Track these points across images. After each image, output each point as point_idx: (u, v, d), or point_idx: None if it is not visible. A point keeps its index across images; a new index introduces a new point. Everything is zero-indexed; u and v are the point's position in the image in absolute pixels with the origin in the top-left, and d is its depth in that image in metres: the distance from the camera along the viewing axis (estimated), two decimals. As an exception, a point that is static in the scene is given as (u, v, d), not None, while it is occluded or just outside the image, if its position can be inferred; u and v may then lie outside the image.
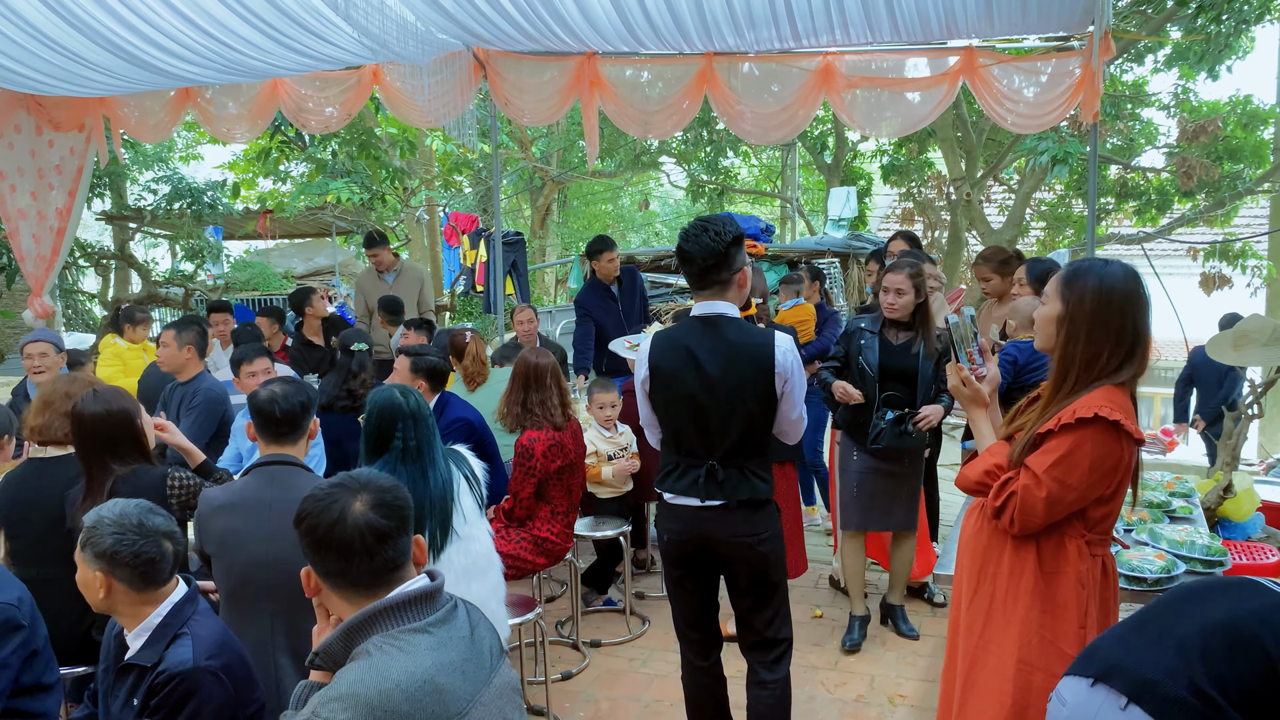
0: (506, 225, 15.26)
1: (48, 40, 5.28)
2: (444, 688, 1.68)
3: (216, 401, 4.67)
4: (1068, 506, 2.31)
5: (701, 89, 6.44)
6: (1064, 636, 2.33)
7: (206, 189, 10.45)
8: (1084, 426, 2.26)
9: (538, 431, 4.12)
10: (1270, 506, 4.88)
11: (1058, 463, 2.28)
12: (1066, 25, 5.64)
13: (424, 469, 3.08)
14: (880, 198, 17.50)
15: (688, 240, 2.95)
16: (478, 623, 1.88)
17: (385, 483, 1.85)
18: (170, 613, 2.28)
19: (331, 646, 1.77)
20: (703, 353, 2.93)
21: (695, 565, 3.12)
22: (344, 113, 6.99)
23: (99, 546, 2.22)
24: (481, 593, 3.13)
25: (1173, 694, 1.67)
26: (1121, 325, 2.30)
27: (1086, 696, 1.80)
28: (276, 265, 12.63)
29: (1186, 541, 3.13)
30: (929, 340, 4.30)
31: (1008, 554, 2.42)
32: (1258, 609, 1.71)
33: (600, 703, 4.18)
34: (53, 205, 7.38)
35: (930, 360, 4.27)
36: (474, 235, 10.89)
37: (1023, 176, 11.88)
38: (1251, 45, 10.89)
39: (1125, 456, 2.30)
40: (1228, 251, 11.60)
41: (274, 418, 2.84)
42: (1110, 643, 1.86)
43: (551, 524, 4.18)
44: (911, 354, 4.29)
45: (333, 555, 1.78)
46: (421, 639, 1.73)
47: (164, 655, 2.21)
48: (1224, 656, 1.67)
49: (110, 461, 3.05)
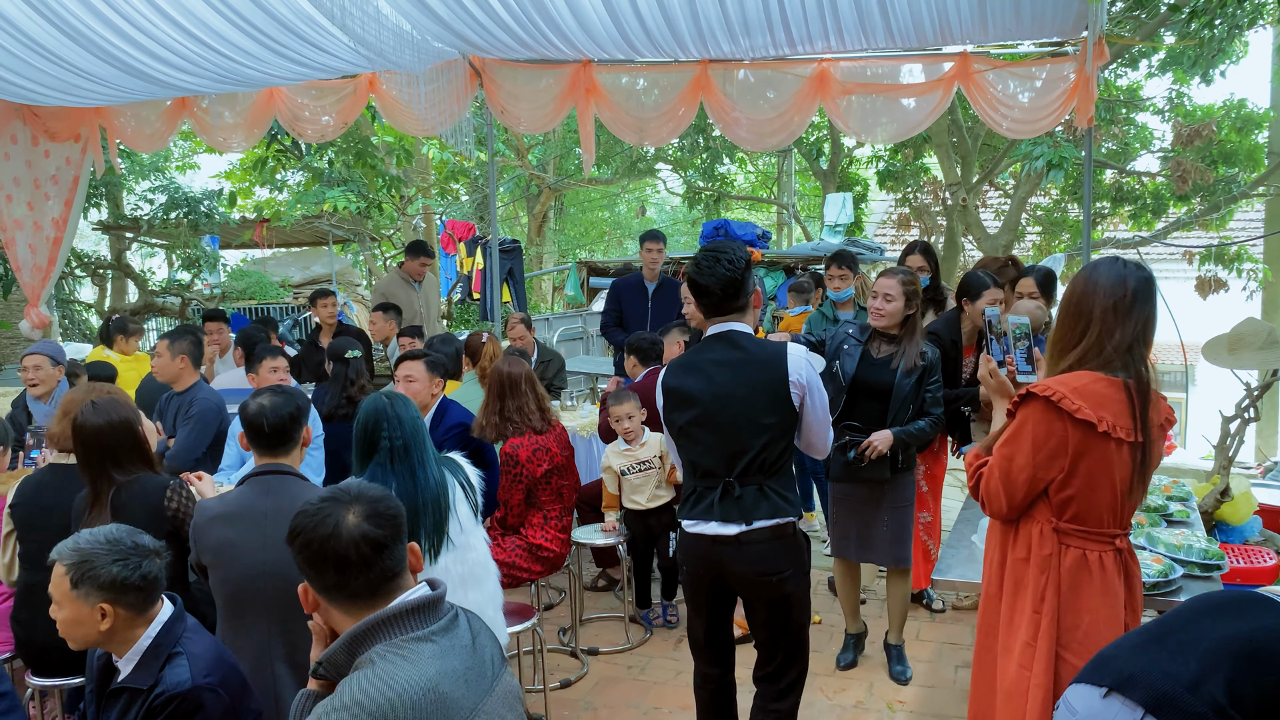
0: (503, 233, 15.28)
1: (44, 51, 5.29)
2: (447, 696, 1.68)
3: (213, 411, 4.66)
4: (1021, 486, 2.37)
5: (697, 96, 6.46)
6: (1020, 615, 2.40)
7: (203, 198, 10.46)
8: (1026, 403, 2.36)
9: (520, 438, 4.14)
10: (1268, 510, 4.89)
11: (1006, 441, 2.39)
12: (1060, 30, 5.66)
13: (412, 469, 3.06)
14: (876, 203, 17.52)
15: (702, 273, 2.89)
16: (479, 631, 1.87)
17: (376, 493, 1.85)
18: (161, 632, 2.25)
19: (335, 656, 1.76)
20: (712, 366, 2.91)
21: (714, 596, 3.09)
22: (340, 121, 7.00)
23: (101, 578, 2.18)
24: (479, 601, 3.12)
25: (1192, 709, 1.65)
26: (1105, 314, 2.33)
27: (1100, 707, 1.78)
28: (273, 274, 12.62)
29: (1184, 545, 3.12)
30: (911, 356, 3.95)
31: (997, 539, 2.53)
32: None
33: (599, 710, 4.17)
34: (49, 215, 7.39)
35: (910, 377, 3.93)
36: (470, 243, 10.90)
37: (1018, 181, 11.90)
38: (1245, 50, 10.94)
39: (1070, 437, 2.30)
40: (1223, 255, 11.61)
41: (263, 430, 2.84)
42: (1126, 653, 1.84)
43: (545, 530, 4.18)
44: (890, 369, 3.95)
45: (329, 569, 1.77)
46: (425, 647, 1.72)
47: (160, 677, 2.18)
48: (1246, 674, 1.66)
49: (113, 471, 3.08)
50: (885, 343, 4.02)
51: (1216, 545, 3.19)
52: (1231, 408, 5.04)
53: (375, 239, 14.35)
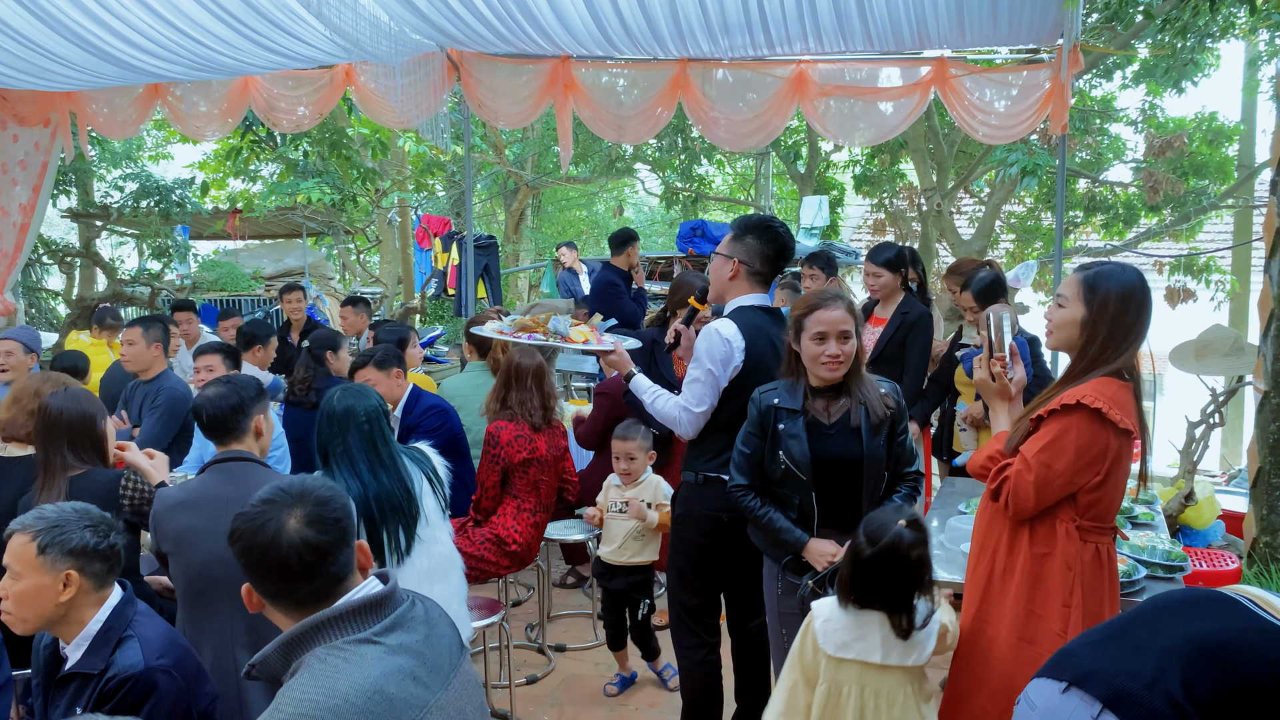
0: (480, 229, 15.22)
1: (13, 33, 5.20)
2: (394, 697, 1.59)
3: (180, 401, 4.61)
4: (1056, 490, 2.41)
5: (676, 95, 6.46)
6: (1050, 612, 2.43)
7: (175, 187, 10.32)
8: (1069, 413, 2.38)
9: (508, 422, 4.13)
10: (1230, 515, 4.96)
11: (1045, 448, 2.40)
12: (1036, 37, 5.71)
13: (375, 467, 3.05)
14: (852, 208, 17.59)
15: (790, 239, 3.24)
16: (437, 621, 1.80)
17: (322, 493, 1.75)
18: (111, 616, 2.22)
19: (269, 658, 1.67)
20: (780, 341, 3.06)
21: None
22: (316, 112, 6.94)
23: (71, 543, 2.16)
24: (444, 594, 3.10)
25: (1149, 705, 1.67)
26: (1134, 324, 2.44)
27: (1058, 701, 1.80)
28: (245, 265, 12.47)
29: (1147, 547, 3.16)
30: (874, 404, 2.88)
31: (1005, 534, 2.54)
32: (1241, 630, 1.73)
33: (565, 707, 4.15)
34: (16, 201, 7.27)
35: (880, 433, 2.87)
36: (446, 238, 10.83)
37: (993, 188, 11.99)
38: (1217, 62, 11.07)
39: (1112, 445, 2.39)
40: (1192, 265, 11.77)
41: (202, 422, 2.89)
42: (1086, 649, 1.87)
43: (517, 521, 4.12)
44: (852, 428, 2.86)
45: (271, 577, 1.69)
46: (368, 650, 1.64)
47: (111, 660, 2.15)
48: (1203, 674, 1.68)
49: (69, 457, 3.06)
50: (829, 400, 2.90)
51: (1180, 548, 3.23)
52: (1197, 415, 5.11)
53: (349, 232, 14.24)
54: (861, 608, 2.46)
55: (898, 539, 2.40)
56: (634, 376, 3.34)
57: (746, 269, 3.20)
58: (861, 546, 2.44)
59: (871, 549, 2.42)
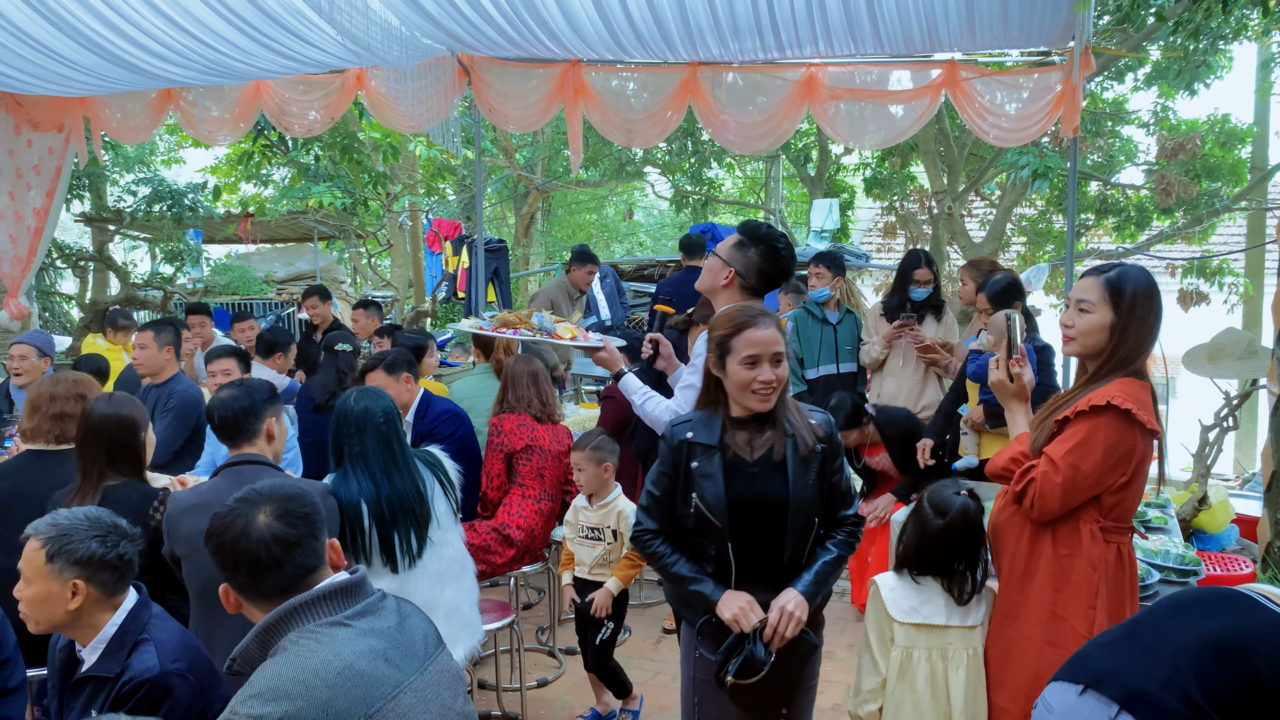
0: (490, 233, 15.24)
1: (28, 39, 5.24)
2: (366, 674, 1.67)
3: (192, 404, 4.63)
4: (1083, 492, 2.41)
5: (685, 98, 6.46)
6: (1075, 614, 2.43)
7: (187, 191, 10.37)
8: (1098, 414, 2.38)
9: (509, 414, 4.33)
10: (1245, 519, 4.93)
11: (1073, 449, 2.39)
12: (1047, 40, 5.69)
13: (389, 469, 3.06)
14: (863, 211, 17.57)
15: (791, 261, 3.12)
16: (408, 614, 1.89)
17: (289, 491, 1.87)
18: (127, 619, 2.24)
19: (248, 649, 1.76)
20: None
21: None
22: (327, 116, 6.96)
23: (78, 553, 2.18)
24: (455, 597, 3.11)
25: (1165, 704, 1.67)
26: (1156, 323, 2.47)
27: (1075, 704, 1.81)
28: (257, 269, 12.53)
29: (1161, 551, 3.15)
30: (803, 433, 2.47)
31: (1027, 535, 2.53)
32: (1253, 626, 1.74)
33: (575, 710, 4.15)
34: (30, 205, 7.32)
35: (809, 470, 2.45)
36: (456, 241, 10.85)
37: (1004, 191, 11.95)
38: (1230, 64, 11.01)
39: (1138, 446, 2.40)
40: (1205, 268, 11.71)
41: (215, 424, 2.91)
42: (1100, 650, 1.88)
43: (521, 508, 4.17)
44: (775, 463, 2.44)
45: (242, 570, 1.80)
46: (340, 631, 1.73)
47: (127, 664, 2.17)
48: (1216, 671, 1.69)
49: (105, 466, 3.02)
50: (752, 431, 2.49)
51: (1193, 552, 3.22)
52: (1211, 419, 5.08)
53: (360, 236, 14.28)
54: (920, 575, 2.62)
55: (966, 508, 2.56)
56: (624, 375, 3.27)
57: (741, 282, 3.07)
58: (929, 518, 2.58)
59: (941, 520, 2.56)
